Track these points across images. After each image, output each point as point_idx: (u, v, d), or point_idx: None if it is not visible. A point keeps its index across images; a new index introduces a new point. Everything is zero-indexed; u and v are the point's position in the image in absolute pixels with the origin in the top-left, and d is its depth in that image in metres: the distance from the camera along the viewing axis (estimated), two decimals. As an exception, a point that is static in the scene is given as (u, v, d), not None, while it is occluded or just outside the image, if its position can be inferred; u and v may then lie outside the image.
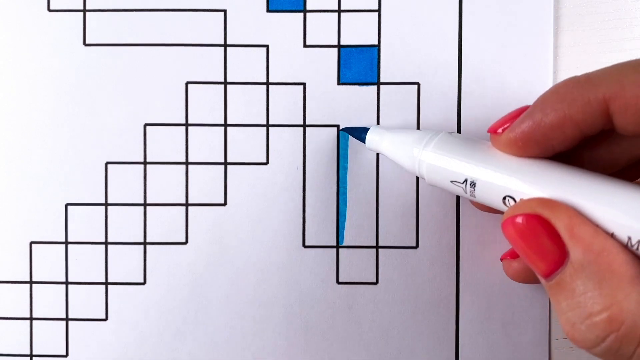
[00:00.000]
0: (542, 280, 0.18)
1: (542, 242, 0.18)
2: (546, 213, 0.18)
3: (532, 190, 0.19)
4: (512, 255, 0.24)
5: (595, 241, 0.17)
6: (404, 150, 0.23)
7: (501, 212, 0.20)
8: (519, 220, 0.18)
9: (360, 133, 0.25)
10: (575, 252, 0.17)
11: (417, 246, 0.26)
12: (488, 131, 0.21)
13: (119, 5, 0.26)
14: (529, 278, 0.23)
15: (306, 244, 0.26)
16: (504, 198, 0.19)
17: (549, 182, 0.19)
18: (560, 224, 0.17)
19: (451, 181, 0.21)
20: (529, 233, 0.18)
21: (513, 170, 0.20)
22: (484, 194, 0.20)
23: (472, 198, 0.21)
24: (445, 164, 0.21)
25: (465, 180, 0.20)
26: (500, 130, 0.20)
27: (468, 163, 0.20)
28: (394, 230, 0.26)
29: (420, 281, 0.26)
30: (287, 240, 0.26)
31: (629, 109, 0.17)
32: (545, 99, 0.19)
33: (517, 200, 0.19)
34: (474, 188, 0.20)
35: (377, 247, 0.26)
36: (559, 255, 0.17)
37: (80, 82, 0.26)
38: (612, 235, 0.17)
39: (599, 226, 0.17)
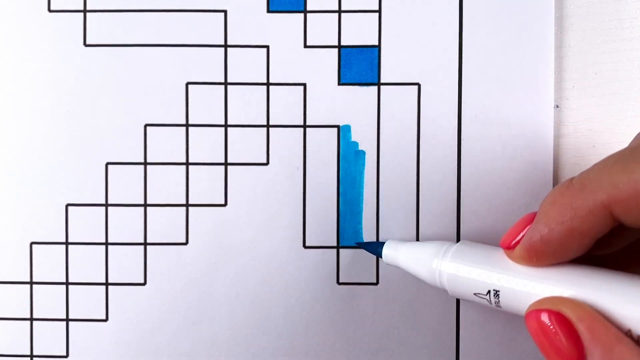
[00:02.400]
0: None
1: (561, 341, 0.18)
2: (568, 312, 0.18)
3: (555, 295, 0.19)
4: None
5: (617, 348, 0.17)
6: (422, 263, 0.23)
7: None
8: (543, 315, 0.18)
9: (375, 248, 0.25)
10: (593, 356, 0.17)
11: (417, 246, 0.26)
12: (500, 245, 0.21)
13: (119, 5, 0.26)
14: None
15: (306, 244, 0.26)
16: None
17: (570, 286, 0.19)
18: (582, 325, 0.17)
19: (474, 294, 0.21)
20: (549, 330, 0.18)
21: (534, 277, 0.20)
22: (508, 303, 0.20)
23: (497, 308, 0.21)
24: (466, 273, 0.21)
25: (489, 292, 0.21)
26: (512, 244, 0.20)
27: (489, 272, 0.21)
28: (394, 231, 0.26)
29: (420, 281, 0.26)
30: (288, 240, 0.26)
31: (632, 210, 0.17)
32: (546, 213, 0.19)
33: None
34: (498, 298, 0.20)
35: (377, 247, 0.26)
36: (575, 357, 0.17)
37: (80, 82, 0.26)
38: (628, 332, 0.17)
39: (619, 326, 0.17)
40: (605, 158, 0.18)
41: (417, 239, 0.26)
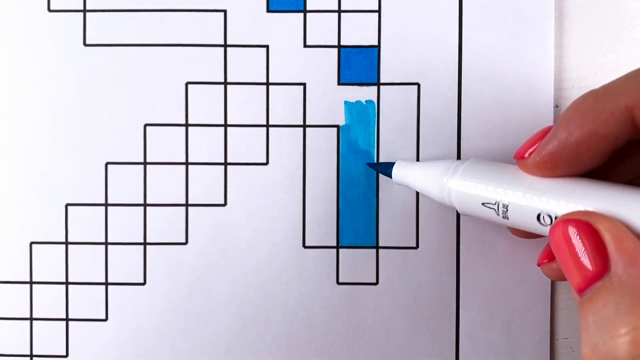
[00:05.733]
0: (576, 297, 0.18)
1: (584, 252, 0.17)
2: (596, 223, 0.17)
3: (567, 206, 0.18)
4: (549, 257, 0.23)
5: None
6: (432, 181, 0.23)
7: (538, 237, 0.20)
8: (570, 226, 0.18)
9: (385, 168, 0.25)
10: (617, 266, 0.16)
11: (417, 246, 0.26)
12: (514, 157, 0.21)
13: (119, 5, 0.26)
14: None
15: (306, 244, 0.26)
16: (539, 216, 0.19)
17: (584, 198, 0.18)
18: (608, 235, 0.17)
19: (482, 203, 0.21)
20: (574, 241, 0.17)
21: (545, 188, 0.19)
22: (517, 215, 0.20)
23: (505, 221, 0.20)
24: (474, 190, 0.21)
25: (497, 202, 0.20)
26: (526, 155, 0.20)
27: (498, 186, 0.20)
28: (394, 230, 0.26)
29: (420, 281, 0.26)
30: (287, 240, 0.26)
31: None
32: (567, 117, 0.19)
33: (553, 217, 0.19)
34: (506, 209, 0.20)
35: (377, 247, 0.26)
36: (598, 269, 0.17)
37: (81, 82, 0.26)
38: None
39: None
40: (631, 71, 0.18)
41: (417, 240, 0.26)
